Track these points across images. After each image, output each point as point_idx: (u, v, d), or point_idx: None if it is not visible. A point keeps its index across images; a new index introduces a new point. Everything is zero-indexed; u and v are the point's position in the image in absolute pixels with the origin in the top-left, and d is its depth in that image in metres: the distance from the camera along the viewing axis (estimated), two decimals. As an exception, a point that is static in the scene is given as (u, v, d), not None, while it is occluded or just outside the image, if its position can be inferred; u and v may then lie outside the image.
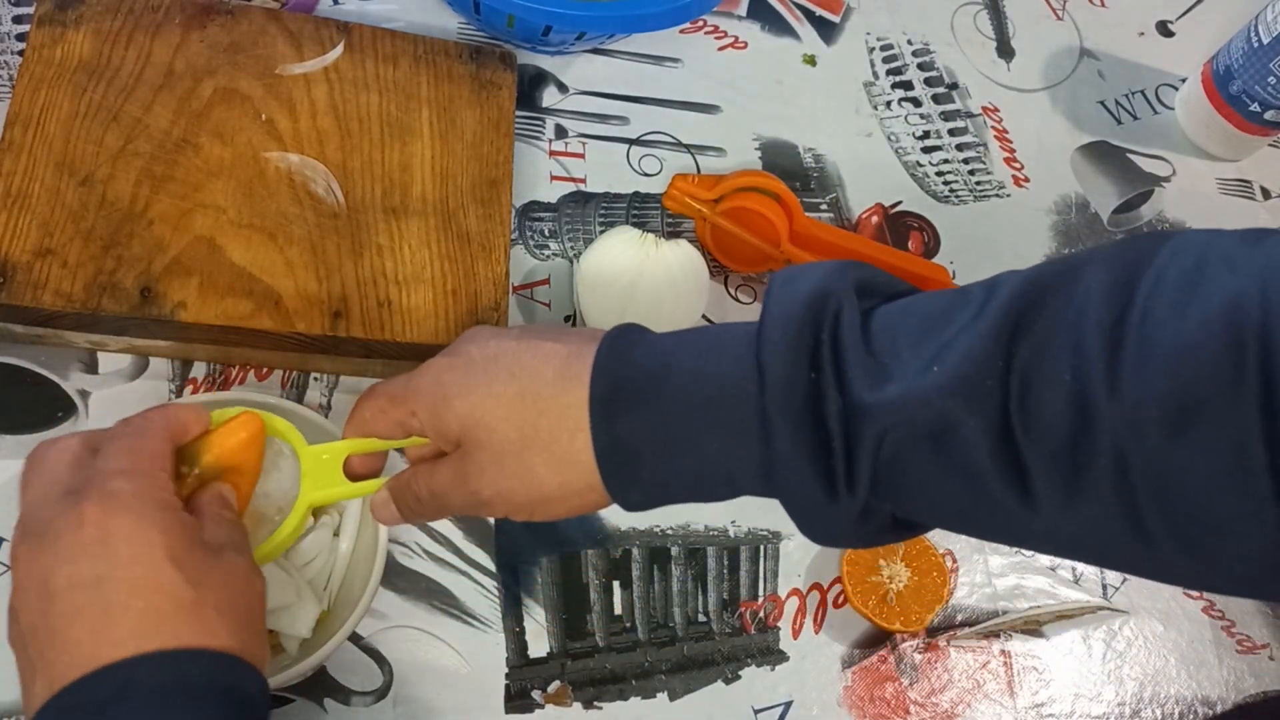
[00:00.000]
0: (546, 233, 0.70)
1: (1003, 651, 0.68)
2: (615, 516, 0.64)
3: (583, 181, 0.72)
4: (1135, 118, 0.89)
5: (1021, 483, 0.37)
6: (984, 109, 0.85)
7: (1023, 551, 0.70)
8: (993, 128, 0.84)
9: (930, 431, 0.38)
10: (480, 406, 0.43)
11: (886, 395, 0.38)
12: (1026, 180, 0.83)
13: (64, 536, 0.40)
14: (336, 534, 0.56)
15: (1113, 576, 0.72)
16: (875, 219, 0.78)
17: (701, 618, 0.64)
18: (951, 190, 0.81)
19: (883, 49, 0.85)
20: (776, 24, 0.83)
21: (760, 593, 0.65)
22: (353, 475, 0.49)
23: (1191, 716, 0.70)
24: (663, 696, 0.61)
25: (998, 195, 0.82)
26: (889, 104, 0.83)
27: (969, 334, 0.38)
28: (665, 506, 0.44)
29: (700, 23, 0.80)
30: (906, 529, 0.43)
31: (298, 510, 0.48)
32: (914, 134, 0.82)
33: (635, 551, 0.64)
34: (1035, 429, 0.37)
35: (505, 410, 0.43)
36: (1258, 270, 0.34)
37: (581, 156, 0.73)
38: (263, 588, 0.44)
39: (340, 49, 0.64)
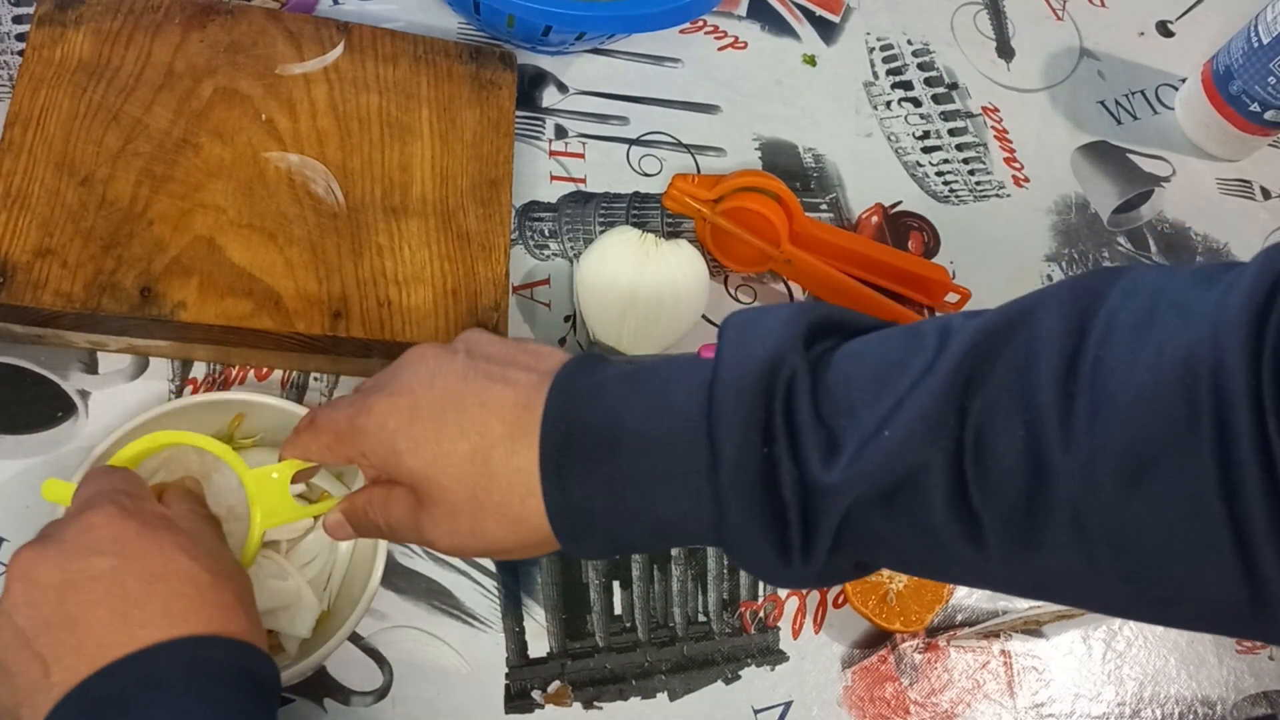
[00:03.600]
0: (546, 233, 0.70)
1: (1003, 651, 0.68)
2: (615, 516, 0.64)
3: (583, 181, 0.72)
4: (1135, 118, 0.89)
5: (977, 536, 0.37)
6: (984, 109, 0.85)
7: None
8: (993, 128, 0.84)
9: (884, 492, 0.38)
10: (432, 465, 0.42)
11: (843, 472, 0.38)
12: (1026, 180, 0.83)
13: (73, 539, 0.42)
14: (336, 534, 0.56)
15: (1113, 576, 0.73)
16: (875, 219, 0.78)
17: (701, 618, 0.64)
18: (951, 190, 0.81)
19: (883, 49, 0.85)
20: (776, 24, 0.83)
21: (760, 593, 0.65)
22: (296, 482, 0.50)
23: (1191, 716, 0.70)
24: (663, 696, 0.61)
25: (998, 195, 0.82)
26: (889, 104, 0.83)
27: (921, 390, 0.38)
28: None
29: (700, 23, 0.80)
30: (866, 568, 0.43)
31: (252, 537, 0.48)
32: (914, 134, 0.82)
33: (621, 554, 0.64)
34: (990, 485, 0.36)
35: (456, 471, 0.42)
36: (1209, 317, 0.34)
37: (581, 156, 0.73)
38: (249, 581, 0.46)
39: (340, 49, 0.64)
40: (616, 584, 0.63)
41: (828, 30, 0.84)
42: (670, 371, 0.42)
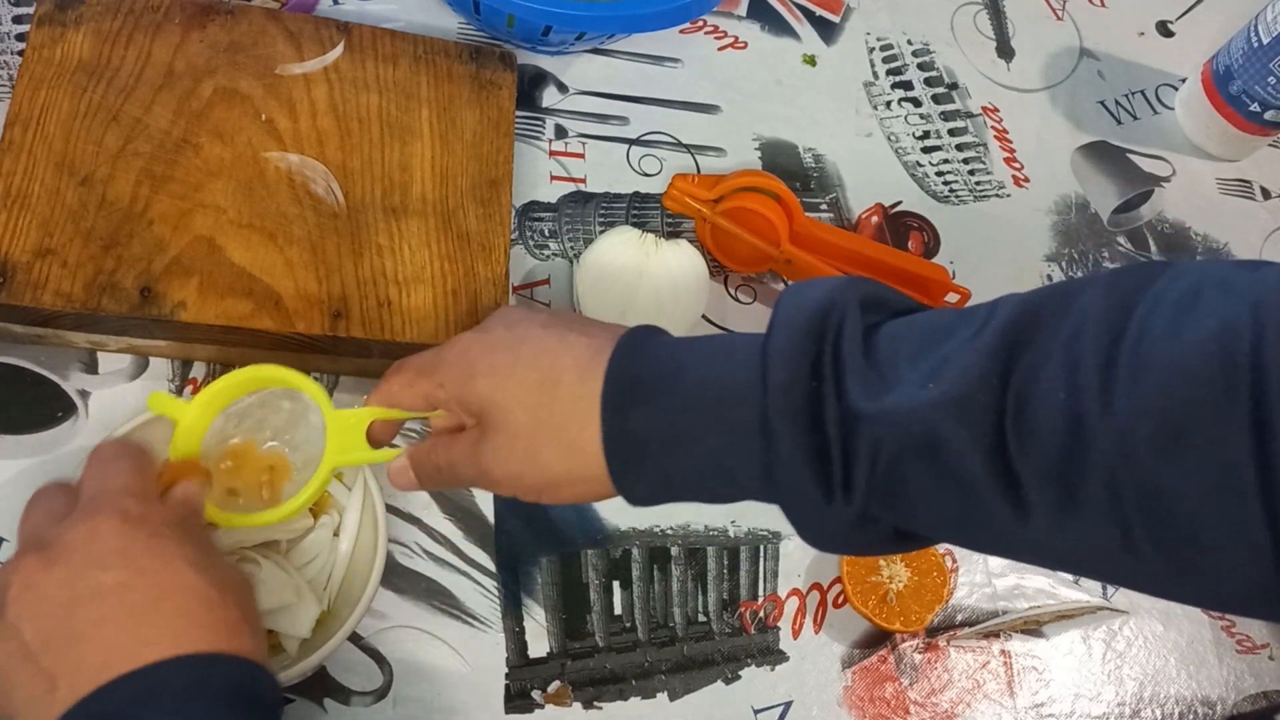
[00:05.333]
0: (546, 233, 0.70)
1: (1003, 651, 0.68)
2: (615, 516, 0.64)
3: (583, 181, 0.72)
4: (1135, 118, 0.89)
5: (1015, 497, 0.38)
6: (984, 109, 0.85)
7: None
8: (993, 128, 0.84)
9: (925, 444, 0.39)
10: (501, 388, 0.45)
11: (882, 406, 0.39)
12: (1026, 180, 0.83)
13: (79, 549, 0.41)
14: (336, 534, 0.56)
15: (1113, 576, 0.73)
16: (875, 219, 0.78)
17: (701, 618, 0.64)
18: (951, 190, 0.81)
19: (883, 49, 0.85)
20: (776, 24, 0.83)
21: (760, 593, 0.65)
22: (372, 441, 0.51)
23: (1191, 716, 0.70)
24: (663, 696, 0.61)
25: (998, 195, 0.82)
26: (889, 104, 0.83)
27: (967, 351, 0.39)
28: (669, 504, 0.45)
29: (700, 23, 0.80)
30: (906, 540, 0.43)
31: (322, 470, 0.50)
32: (914, 134, 0.82)
33: (635, 551, 0.64)
34: (1029, 445, 0.37)
35: (524, 395, 0.45)
36: (1251, 295, 0.35)
37: (581, 156, 0.73)
38: (252, 590, 0.46)
39: (340, 49, 0.64)
40: (616, 584, 0.63)
41: (828, 30, 0.84)
42: (732, 335, 0.45)
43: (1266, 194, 0.89)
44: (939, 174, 0.81)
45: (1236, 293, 0.35)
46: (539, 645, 0.60)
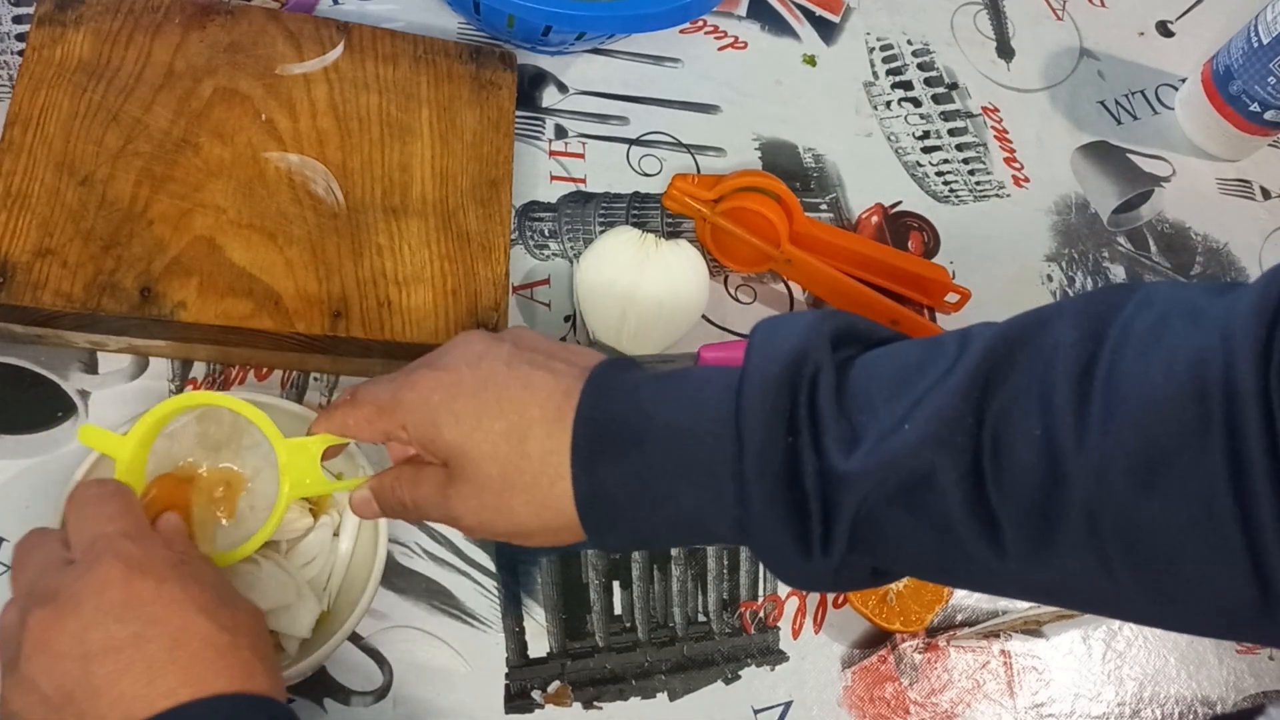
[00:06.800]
0: (546, 233, 0.70)
1: (1003, 651, 0.68)
2: (615, 516, 0.64)
3: (583, 181, 0.72)
4: (1135, 118, 0.89)
5: (994, 536, 0.38)
6: (984, 109, 0.85)
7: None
8: (993, 128, 0.84)
9: (903, 489, 0.39)
10: (468, 439, 0.43)
11: (861, 462, 0.39)
12: (1026, 180, 0.83)
13: (87, 600, 0.41)
14: (336, 534, 0.56)
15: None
16: (875, 219, 0.78)
17: (701, 618, 0.64)
18: (951, 190, 0.81)
19: (882, 49, 0.85)
20: (776, 24, 0.83)
21: (760, 593, 0.65)
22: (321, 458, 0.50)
23: (1191, 716, 0.70)
24: (663, 696, 0.61)
25: (998, 195, 0.82)
26: (889, 104, 0.83)
27: (941, 390, 0.39)
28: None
29: (700, 23, 0.80)
30: (883, 576, 0.43)
31: (279, 506, 0.48)
32: (914, 134, 0.82)
33: (635, 551, 0.64)
34: (1006, 483, 0.37)
35: (491, 447, 0.43)
36: (1220, 323, 0.35)
37: (581, 156, 0.73)
38: (264, 618, 0.46)
39: (340, 49, 0.64)
40: (616, 584, 0.63)
41: (828, 30, 0.84)
42: (701, 374, 0.43)
43: (1266, 194, 0.89)
44: (939, 174, 0.81)
45: (1205, 322, 0.35)
46: (539, 645, 0.60)
